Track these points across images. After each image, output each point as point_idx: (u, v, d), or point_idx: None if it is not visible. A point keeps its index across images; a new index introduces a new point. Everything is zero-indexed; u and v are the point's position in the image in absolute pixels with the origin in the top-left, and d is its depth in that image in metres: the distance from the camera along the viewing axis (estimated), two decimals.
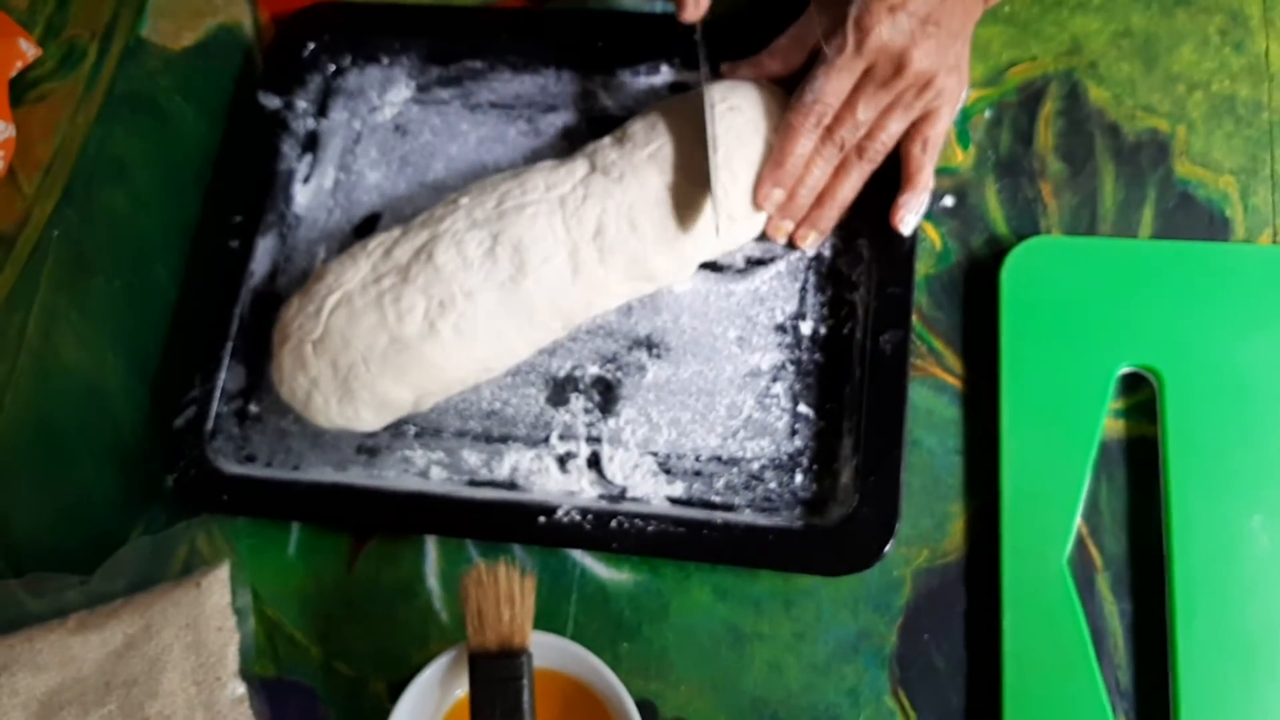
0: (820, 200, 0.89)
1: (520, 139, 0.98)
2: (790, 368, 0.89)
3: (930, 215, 0.92)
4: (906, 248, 0.88)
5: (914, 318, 0.87)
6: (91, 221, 1.01)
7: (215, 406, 0.91)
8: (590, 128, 0.97)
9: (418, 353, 0.86)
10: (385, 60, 1.02)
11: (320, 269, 0.90)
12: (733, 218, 0.89)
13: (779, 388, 0.88)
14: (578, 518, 0.84)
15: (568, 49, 0.99)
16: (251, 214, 0.96)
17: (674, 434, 0.88)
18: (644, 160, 0.88)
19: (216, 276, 0.95)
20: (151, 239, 1.00)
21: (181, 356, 0.94)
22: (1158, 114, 0.92)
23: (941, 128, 0.86)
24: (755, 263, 0.92)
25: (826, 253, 0.91)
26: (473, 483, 0.89)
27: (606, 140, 0.91)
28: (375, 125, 1.01)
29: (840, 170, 0.87)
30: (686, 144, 0.88)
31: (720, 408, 0.88)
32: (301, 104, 1.01)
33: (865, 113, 0.84)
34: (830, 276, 0.90)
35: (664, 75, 0.98)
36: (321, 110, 1.02)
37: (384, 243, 0.90)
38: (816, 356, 0.89)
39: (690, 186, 0.88)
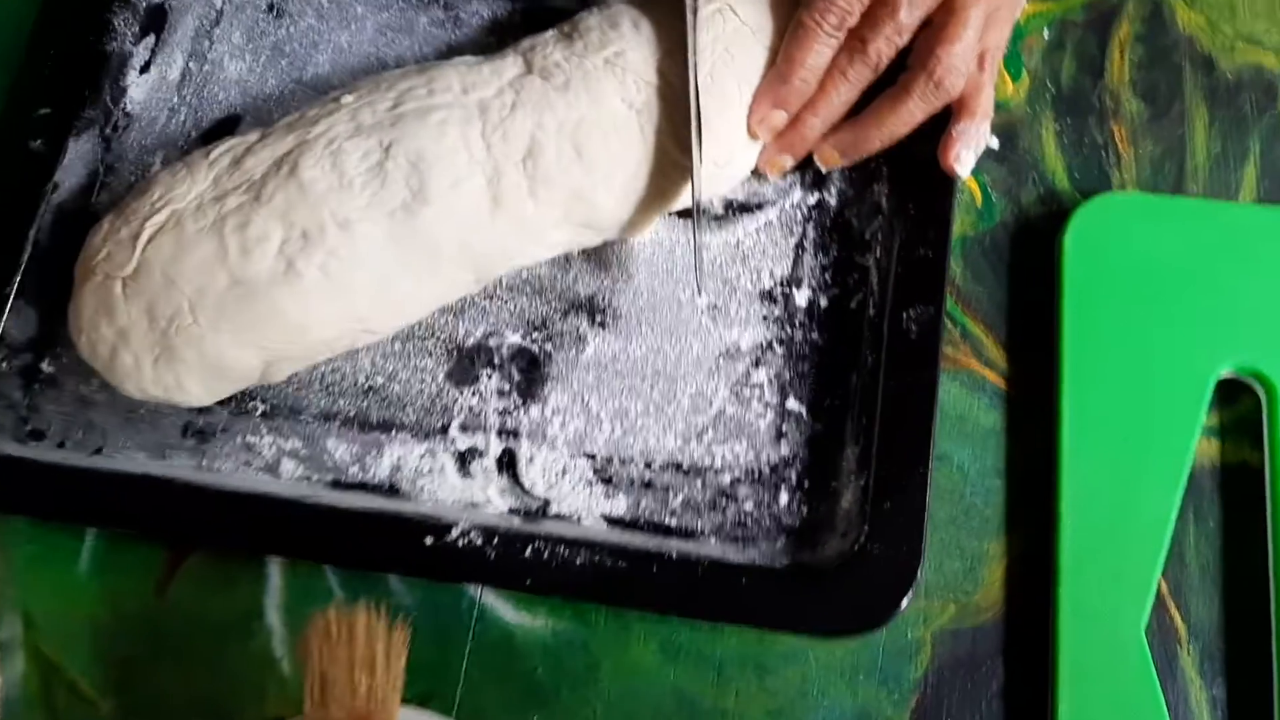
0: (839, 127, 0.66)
1: (433, 30, 0.75)
2: (779, 349, 0.66)
3: None
4: (941, 197, 0.66)
5: (946, 292, 0.65)
6: None
7: None
8: (528, 22, 0.74)
9: (268, 301, 0.62)
10: None
11: (146, 180, 0.66)
12: (717, 161, 0.66)
13: (762, 375, 0.66)
14: (479, 540, 0.61)
15: None
16: (64, 107, 0.72)
17: (618, 430, 0.65)
18: (599, 66, 0.65)
19: (8, 187, 0.70)
20: None
21: None
22: (1264, 47, 0.71)
23: (1003, 36, 0.64)
24: (738, 208, 0.69)
25: (832, 200, 0.69)
26: (338, 484, 0.65)
27: (549, 34, 0.68)
28: (243, 3, 0.76)
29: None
30: (659, 52, 0.65)
31: (683, 398, 0.65)
32: None
33: (909, 13, 0.61)
34: (836, 231, 0.68)
35: None
36: None
37: (234, 149, 0.65)
38: (814, 336, 0.66)
39: (661, 112, 0.65)
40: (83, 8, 0.74)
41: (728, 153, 0.66)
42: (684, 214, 0.69)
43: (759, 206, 0.69)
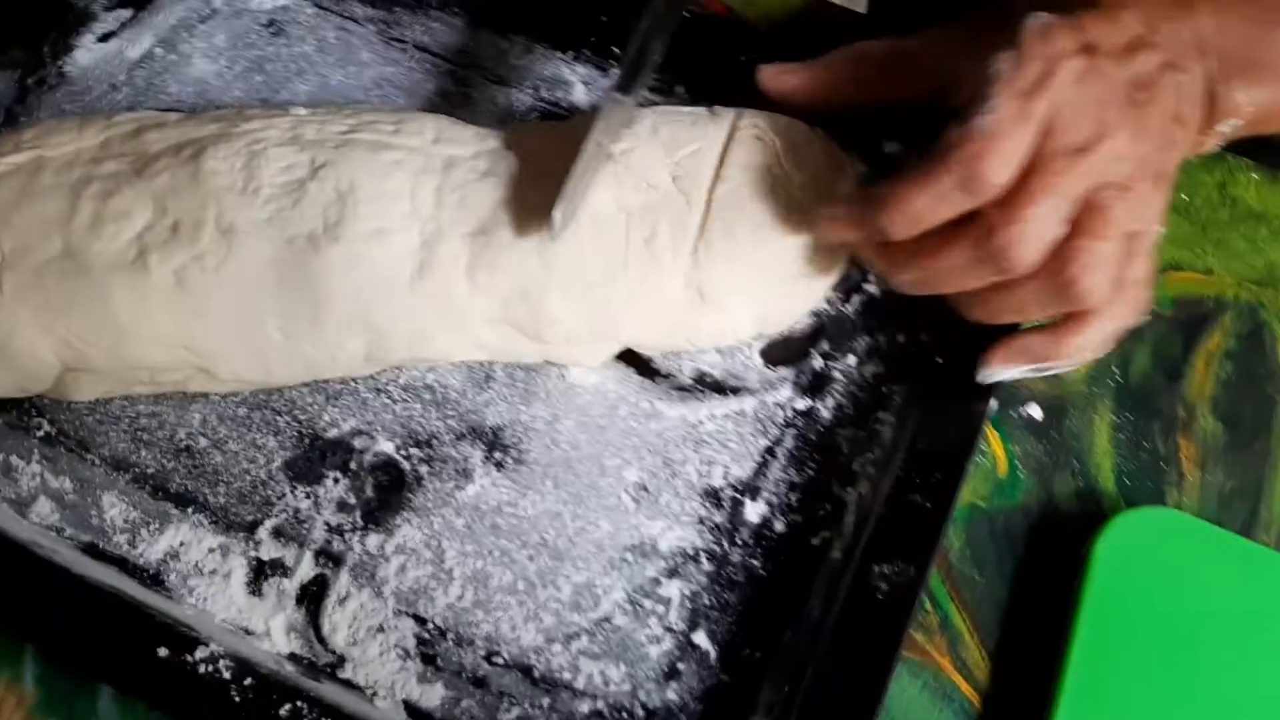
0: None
1: (437, 99, 0.64)
2: (705, 564, 0.50)
3: (999, 420, 0.56)
4: (959, 446, 0.52)
5: (935, 560, 0.49)
6: None
7: None
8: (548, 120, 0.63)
9: (97, 288, 0.48)
10: None
11: (31, 124, 0.54)
12: (704, 292, 0.53)
13: (674, 589, 0.50)
14: (226, 674, 0.44)
15: (557, 17, 0.67)
16: None
17: (468, 598, 0.49)
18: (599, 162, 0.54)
19: None
20: None
21: None
22: None
23: (1154, 208, 0.50)
24: (710, 384, 0.55)
25: (824, 412, 0.55)
26: (92, 550, 0.49)
27: (551, 123, 0.57)
28: (241, 9, 0.67)
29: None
30: (673, 159, 0.54)
31: (565, 585, 0.50)
32: None
33: (1048, 209, 0.48)
34: (819, 450, 0.54)
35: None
36: None
37: (143, 120, 0.54)
38: (754, 562, 0.51)
39: (655, 222, 0.53)
40: None
41: (718, 288, 0.53)
42: (642, 366, 0.55)
43: (734, 391, 0.55)
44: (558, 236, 0.49)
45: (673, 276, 0.53)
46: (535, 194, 0.53)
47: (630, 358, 0.55)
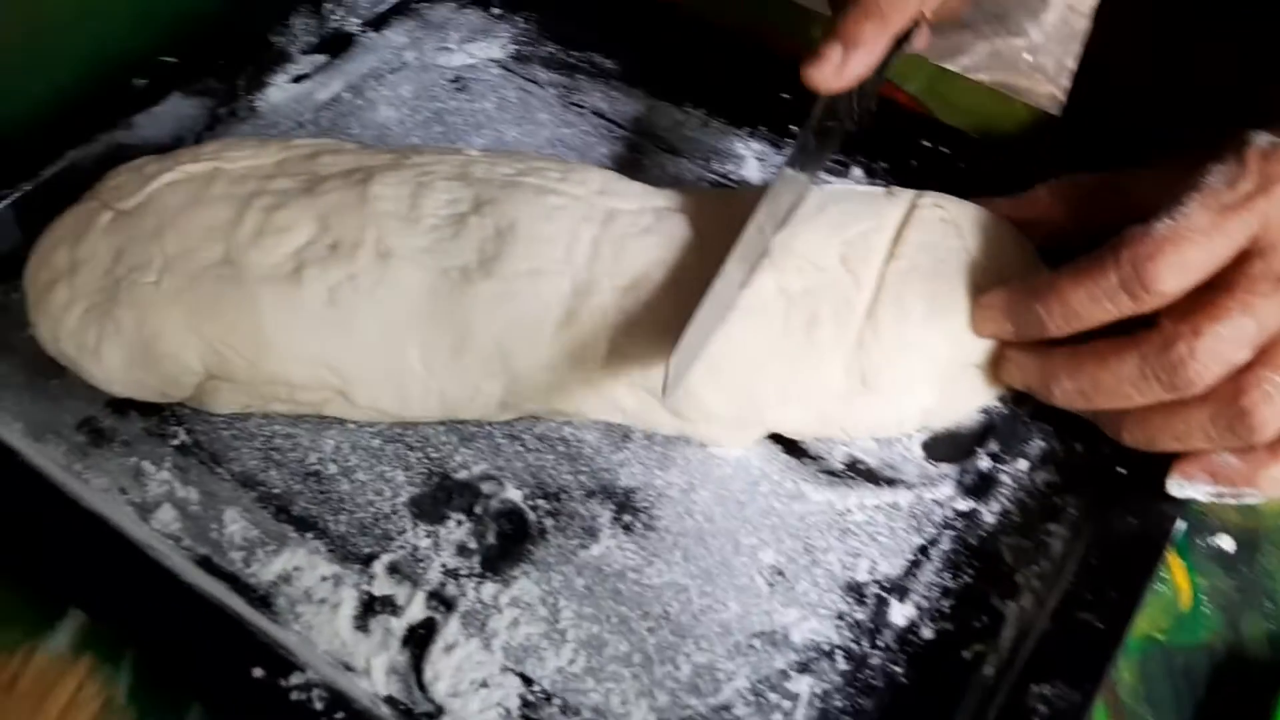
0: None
1: (608, 163, 0.63)
2: (840, 663, 0.46)
3: (1185, 547, 0.51)
4: (1140, 566, 0.47)
5: (1103, 689, 0.44)
6: None
7: None
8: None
9: (249, 296, 0.48)
10: (496, 9, 0.71)
11: (212, 140, 0.55)
12: (867, 378, 0.50)
13: (804, 686, 0.45)
14: (318, 705, 0.41)
15: (737, 93, 0.65)
16: (193, 65, 0.63)
17: (579, 664, 0.45)
18: (770, 236, 0.52)
19: (89, 106, 0.61)
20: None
21: None
22: None
23: None
24: (862, 472, 0.51)
25: (988, 516, 0.50)
26: (206, 564, 0.47)
27: (721, 190, 0.55)
28: (429, 64, 0.68)
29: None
30: (842, 239, 0.52)
31: (685, 665, 0.46)
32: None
33: (1237, 329, 0.44)
34: (979, 556, 0.49)
35: (856, 174, 0.63)
36: (376, 22, 0.70)
37: (321, 145, 0.54)
38: (896, 669, 0.46)
39: (818, 307, 0.50)
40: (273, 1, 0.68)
41: (883, 375, 0.49)
42: (791, 446, 0.52)
43: (890, 482, 0.51)
44: (671, 393, 0.45)
45: (833, 362, 0.50)
46: (695, 258, 0.51)
47: (778, 435, 0.52)
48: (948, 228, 0.52)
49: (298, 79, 0.66)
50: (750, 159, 0.64)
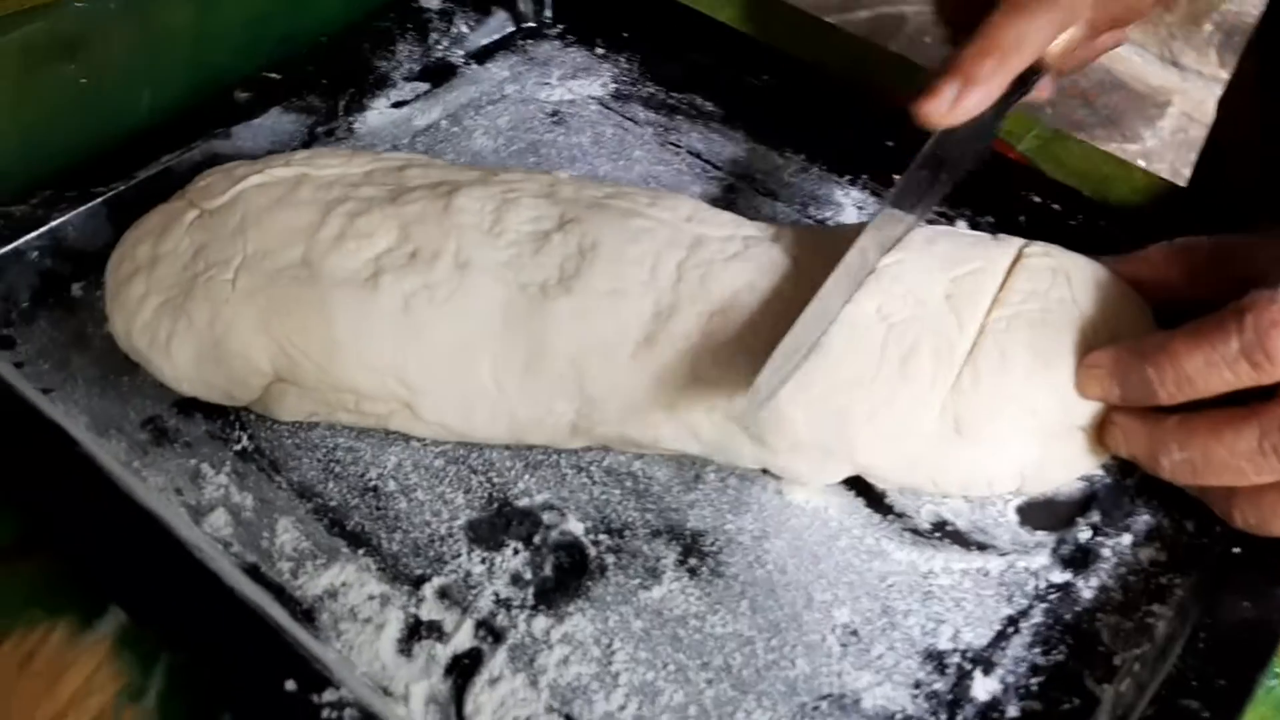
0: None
1: (701, 200, 0.61)
2: None
3: None
4: (1253, 657, 0.42)
5: None
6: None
7: (30, 240, 0.54)
8: None
9: (324, 298, 0.47)
10: (600, 49, 0.70)
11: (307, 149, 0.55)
12: (961, 425, 0.46)
13: None
14: None
15: (839, 140, 0.63)
16: (294, 84, 0.63)
17: (631, 711, 0.42)
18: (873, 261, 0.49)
19: (192, 113, 0.61)
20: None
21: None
22: None
23: None
24: (950, 534, 0.48)
25: (1084, 591, 0.46)
26: (254, 572, 0.46)
27: (815, 226, 0.53)
28: (529, 98, 0.67)
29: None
30: (949, 275, 0.49)
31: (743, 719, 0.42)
32: (463, 28, 0.70)
33: None
34: (1073, 633, 0.45)
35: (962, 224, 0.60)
36: (480, 55, 0.70)
37: (413, 160, 0.54)
38: None
39: (919, 338, 0.47)
40: (382, 26, 0.68)
41: (979, 425, 0.46)
42: (874, 500, 0.48)
43: (980, 546, 0.47)
44: (754, 409, 0.44)
45: (927, 402, 0.47)
46: (785, 286, 0.48)
47: (860, 486, 0.49)
48: (1057, 278, 0.49)
49: (398, 104, 0.66)
50: (849, 207, 0.61)
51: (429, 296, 0.47)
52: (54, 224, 0.55)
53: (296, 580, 0.45)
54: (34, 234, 0.55)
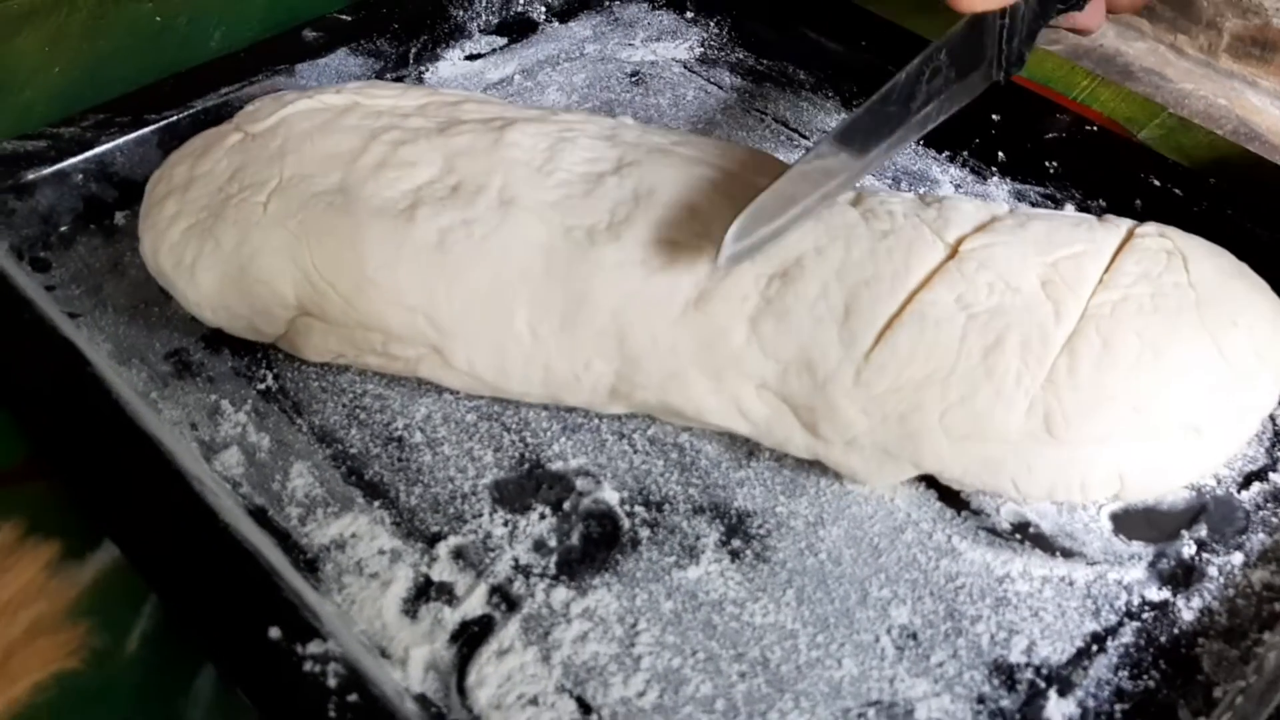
0: None
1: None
2: None
3: None
4: None
5: None
6: None
7: (76, 163, 0.52)
8: None
9: (357, 227, 0.44)
10: (690, 12, 0.67)
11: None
12: (1054, 426, 0.41)
13: None
14: (332, 681, 0.35)
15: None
16: (363, 26, 0.61)
17: (651, 699, 0.38)
18: (942, 241, 0.44)
19: (261, 47, 0.59)
20: None
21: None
22: None
23: None
24: (1032, 536, 0.42)
25: (1184, 612, 0.40)
26: (260, 515, 0.42)
27: (903, 194, 0.48)
28: (609, 57, 0.64)
29: None
30: (1046, 260, 0.43)
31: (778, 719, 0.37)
32: None
33: None
34: (1166, 656, 0.39)
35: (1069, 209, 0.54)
36: (562, 12, 0.66)
37: (471, 96, 0.50)
38: None
39: (1006, 329, 0.42)
40: None
41: (1075, 423, 0.41)
42: (948, 493, 0.43)
43: (1066, 553, 0.41)
44: (724, 265, 0.41)
45: (1012, 399, 0.41)
46: (858, 252, 0.43)
47: (932, 481, 0.43)
48: (1172, 260, 0.43)
49: (472, 57, 0.63)
50: (946, 184, 0.56)
51: (467, 232, 0.43)
52: (102, 149, 0.53)
53: (304, 528, 0.42)
54: (80, 157, 0.53)
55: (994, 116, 0.56)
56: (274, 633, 0.36)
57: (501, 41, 0.64)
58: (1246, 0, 0.63)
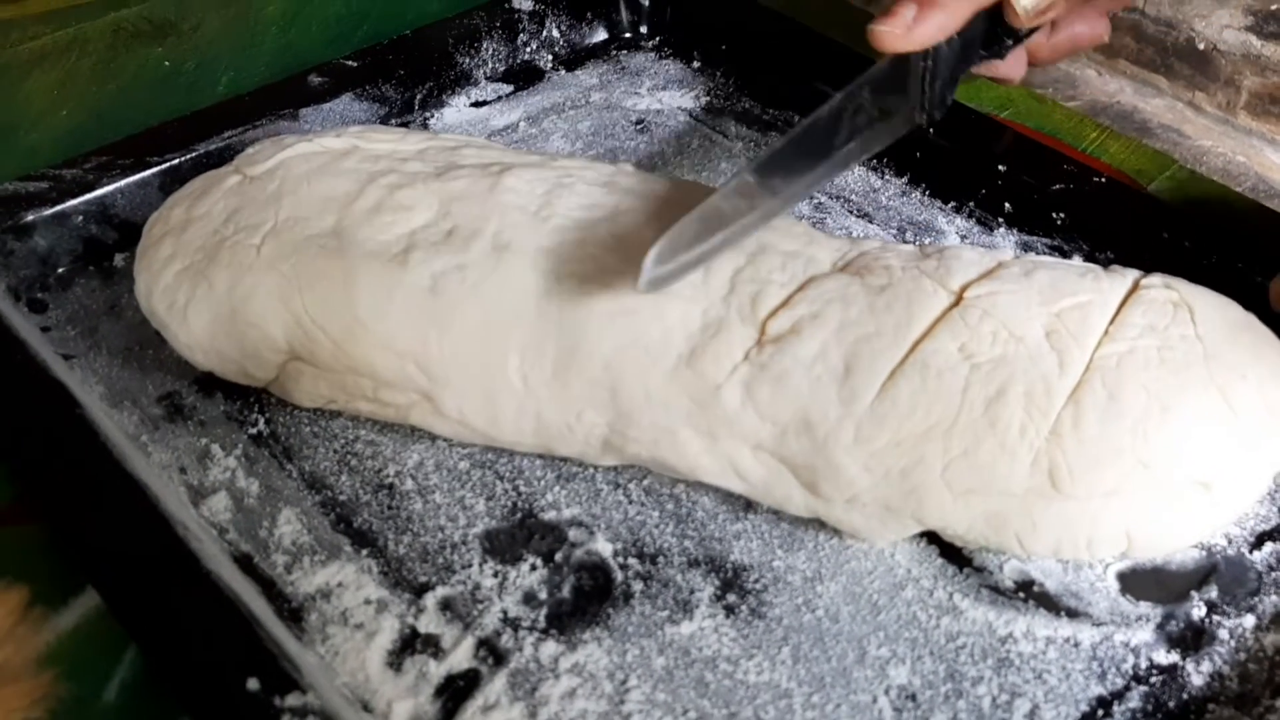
0: None
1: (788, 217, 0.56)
2: None
3: None
4: None
5: None
6: None
7: (77, 205, 0.52)
8: None
9: (350, 270, 0.43)
10: (697, 61, 0.67)
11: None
12: (1059, 480, 0.40)
13: None
14: None
15: (947, 165, 0.58)
16: (368, 72, 0.61)
17: None
18: (945, 291, 0.43)
19: (265, 92, 0.59)
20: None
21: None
22: None
23: None
24: (1036, 595, 0.41)
25: (1194, 676, 0.39)
26: (245, 563, 0.41)
27: (900, 246, 0.47)
28: (615, 104, 0.64)
29: None
30: (1051, 310, 0.43)
31: None
32: (554, 32, 0.66)
33: None
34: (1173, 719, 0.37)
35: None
36: (569, 61, 0.67)
37: (471, 142, 0.50)
38: None
39: (1011, 380, 0.41)
40: (470, 23, 0.65)
41: (1080, 477, 0.39)
42: (950, 550, 0.42)
43: (1071, 614, 0.40)
44: (644, 289, 0.40)
45: (1016, 452, 0.40)
46: (855, 312, 0.43)
47: (935, 537, 0.42)
48: (1179, 313, 0.42)
49: (478, 104, 0.63)
50: (952, 234, 0.56)
51: (460, 278, 0.42)
52: (103, 191, 0.53)
53: (290, 575, 0.41)
54: (81, 199, 0.53)
55: (1000, 167, 0.55)
56: (252, 684, 0.35)
57: (508, 89, 0.64)
58: (1265, 58, 0.63)
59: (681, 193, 0.46)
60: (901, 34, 0.43)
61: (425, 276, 0.42)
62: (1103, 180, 0.55)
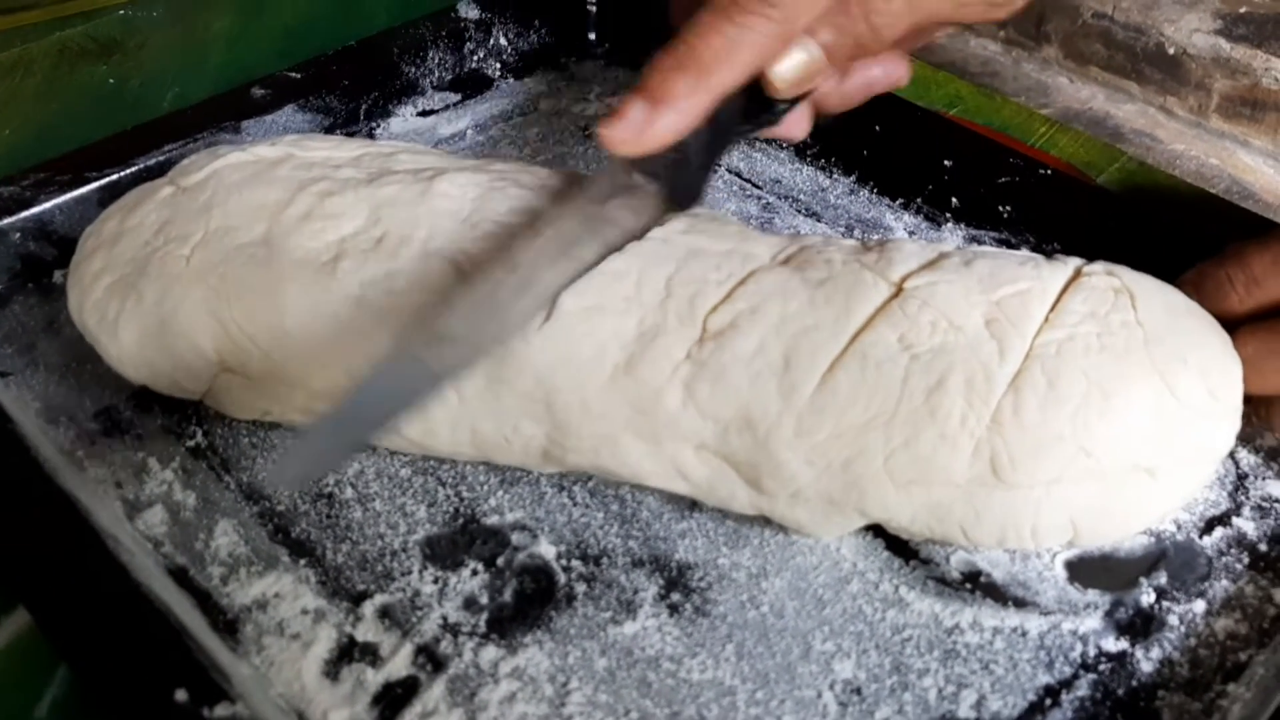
0: None
1: (735, 219, 0.56)
2: None
3: None
4: None
5: None
6: None
7: (14, 222, 0.52)
8: None
9: (278, 280, 0.43)
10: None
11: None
12: (1001, 469, 0.39)
13: None
14: None
15: (893, 163, 0.58)
16: (311, 83, 0.60)
17: None
18: (884, 282, 0.43)
19: (207, 105, 0.59)
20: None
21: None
22: None
23: None
24: (983, 586, 0.40)
25: (1144, 663, 0.38)
26: (180, 575, 0.41)
27: (840, 240, 0.47)
28: (563, 111, 0.63)
29: None
30: (988, 299, 0.42)
31: None
32: (501, 40, 0.66)
33: None
34: (1128, 710, 0.37)
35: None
36: (516, 69, 0.66)
37: (410, 148, 0.50)
38: None
39: (949, 369, 0.41)
40: (415, 33, 0.65)
41: (1022, 466, 0.39)
42: (896, 543, 0.42)
43: (1018, 603, 0.40)
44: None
45: (957, 442, 0.40)
46: (793, 306, 0.42)
47: (880, 530, 0.42)
48: (1121, 298, 0.42)
49: (424, 113, 0.63)
50: (900, 231, 0.55)
51: (388, 287, 0.42)
52: (42, 208, 0.52)
53: (226, 587, 0.40)
54: (18, 216, 0.52)
55: (946, 163, 0.55)
56: (180, 695, 0.34)
57: (455, 97, 0.64)
58: (1235, 61, 0.63)
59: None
60: (632, 138, 0.39)
61: (353, 285, 0.42)
62: (1049, 173, 0.54)
